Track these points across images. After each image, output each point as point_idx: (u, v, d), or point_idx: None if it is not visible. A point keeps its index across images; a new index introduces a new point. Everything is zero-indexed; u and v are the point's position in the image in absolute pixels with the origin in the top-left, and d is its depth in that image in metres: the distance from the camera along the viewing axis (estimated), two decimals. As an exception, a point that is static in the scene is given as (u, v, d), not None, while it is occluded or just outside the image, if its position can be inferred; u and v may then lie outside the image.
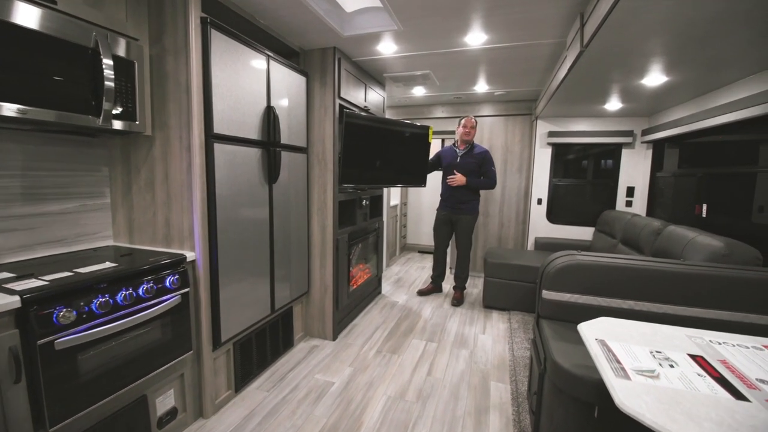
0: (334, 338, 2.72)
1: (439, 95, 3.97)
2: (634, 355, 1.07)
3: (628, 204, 3.79)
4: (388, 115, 4.55)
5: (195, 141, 1.67)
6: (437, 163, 3.64)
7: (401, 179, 3.41)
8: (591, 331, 1.20)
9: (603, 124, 3.78)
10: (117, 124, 1.57)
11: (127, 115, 1.61)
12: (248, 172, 1.99)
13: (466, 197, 3.45)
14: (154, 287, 1.52)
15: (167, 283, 1.59)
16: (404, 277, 4.45)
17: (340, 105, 2.61)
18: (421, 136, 3.37)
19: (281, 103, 2.22)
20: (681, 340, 1.16)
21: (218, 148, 1.76)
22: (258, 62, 2.01)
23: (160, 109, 1.74)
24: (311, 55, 2.55)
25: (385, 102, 3.58)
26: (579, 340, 1.51)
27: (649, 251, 2.47)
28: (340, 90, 2.56)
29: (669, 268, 1.71)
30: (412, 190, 5.92)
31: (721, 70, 2.15)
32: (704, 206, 2.68)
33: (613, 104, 3.20)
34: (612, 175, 3.87)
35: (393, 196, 5.16)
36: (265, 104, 2.07)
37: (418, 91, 3.79)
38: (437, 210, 3.66)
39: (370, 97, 3.17)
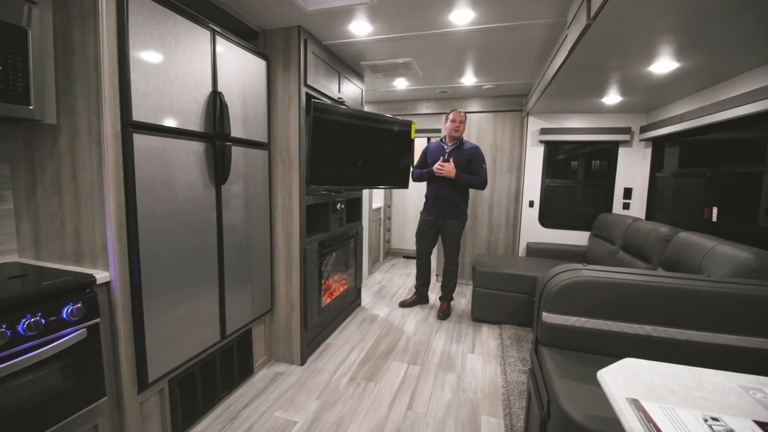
0: (303, 362, 2.37)
1: (423, 89, 3.66)
2: (684, 426, 0.76)
3: (626, 206, 3.53)
4: (367, 109, 4.22)
5: (106, 130, 1.31)
6: (424, 166, 3.29)
7: (380, 180, 3.06)
8: (617, 383, 0.89)
9: (598, 120, 3.52)
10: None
11: (15, 98, 1.25)
12: (186, 171, 1.63)
13: (453, 198, 3.12)
14: (42, 321, 1.16)
15: (64, 315, 1.22)
16: (387, 286, 4.12)
17: (308, 95, 2.27)
18: (403, 132, 3.05)
19: (232, 89, 1.87)
20: (737, 396, 0.86)
21: (140, 139, 1.40)
22: (199, 37, 1.65)
23: (66, 91, 1.38)
24: (273, 36, 2.20)
25: (363, 95, 3.25)
26: (590, 378, 1.21)
27: (657, 261, 2.19)
28: (306, 77, 2.22)
29: (695, 286, 1.41)
30: (397, 192, 5.59)
31: (738, 55, 1.89)
32: (714, 209, 2.42)
33: (612, 98, 2.93)
34: (608, 176, 3.61)
35: (376, 198, 4.83)
36: (209, 89, 1.72)
37: (401, 84, 3.47)
38: (421, 213, 3.34)
39: (346, 89, 2.84)
